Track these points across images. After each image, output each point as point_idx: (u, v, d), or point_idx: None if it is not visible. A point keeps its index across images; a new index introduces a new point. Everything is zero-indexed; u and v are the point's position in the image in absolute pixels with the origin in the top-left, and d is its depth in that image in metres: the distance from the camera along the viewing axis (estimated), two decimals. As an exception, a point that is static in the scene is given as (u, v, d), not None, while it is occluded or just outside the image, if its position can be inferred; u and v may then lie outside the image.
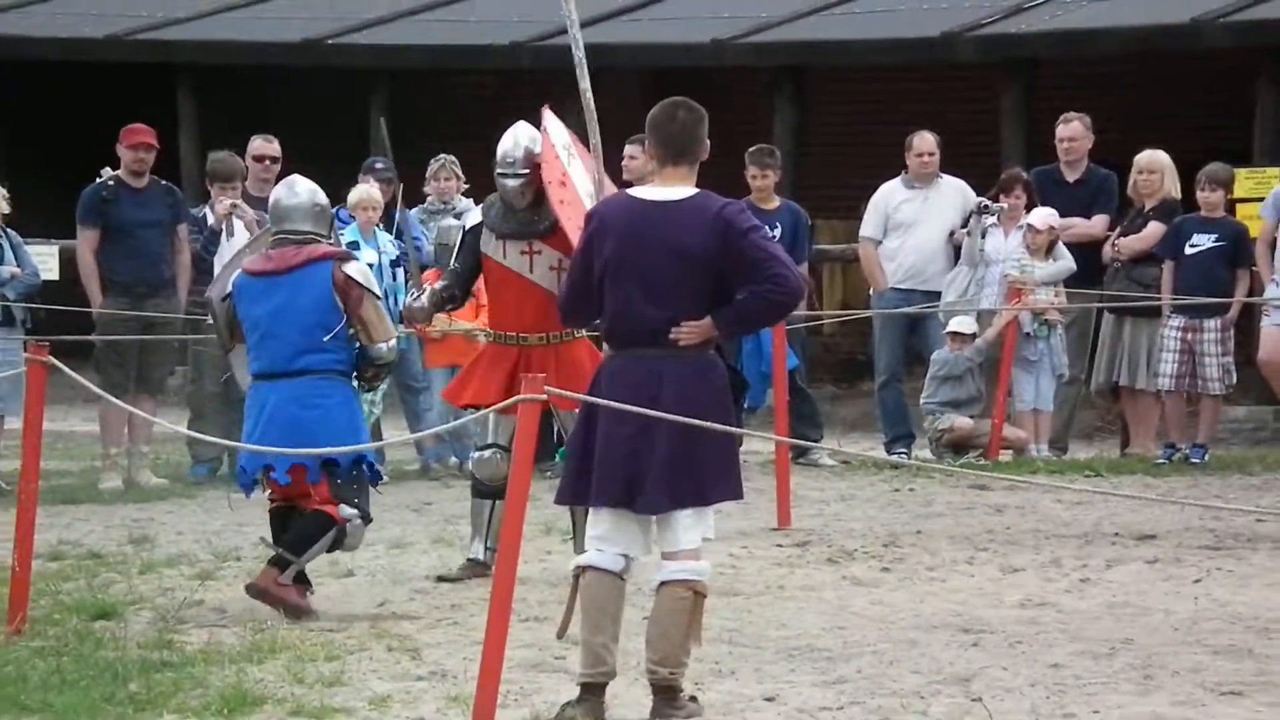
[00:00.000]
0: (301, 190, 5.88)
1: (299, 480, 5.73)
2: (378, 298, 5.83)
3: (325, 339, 5.68)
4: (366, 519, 5.84)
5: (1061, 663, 4.99)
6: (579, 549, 5.80)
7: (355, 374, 5.83)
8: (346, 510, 5.74)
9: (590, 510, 4.52)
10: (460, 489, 8.45)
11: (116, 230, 8.64)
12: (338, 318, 5.72)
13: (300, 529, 5.75)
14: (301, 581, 5.74)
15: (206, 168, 9.16)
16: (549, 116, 6.30)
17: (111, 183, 8.72)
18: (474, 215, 6.48)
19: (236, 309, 5.85)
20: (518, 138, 6.28)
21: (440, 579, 6.19)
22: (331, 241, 5.91)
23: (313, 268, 5.75)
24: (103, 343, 8.59)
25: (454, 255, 6.42)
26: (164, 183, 8.91)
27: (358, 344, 5.79)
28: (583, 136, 6.19)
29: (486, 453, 6.31)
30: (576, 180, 6.21)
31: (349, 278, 5.76)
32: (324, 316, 5.71)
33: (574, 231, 5.94)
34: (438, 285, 6.41)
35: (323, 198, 5.91)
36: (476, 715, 4.23)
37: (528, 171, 6.19)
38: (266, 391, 5.74)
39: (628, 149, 9.13)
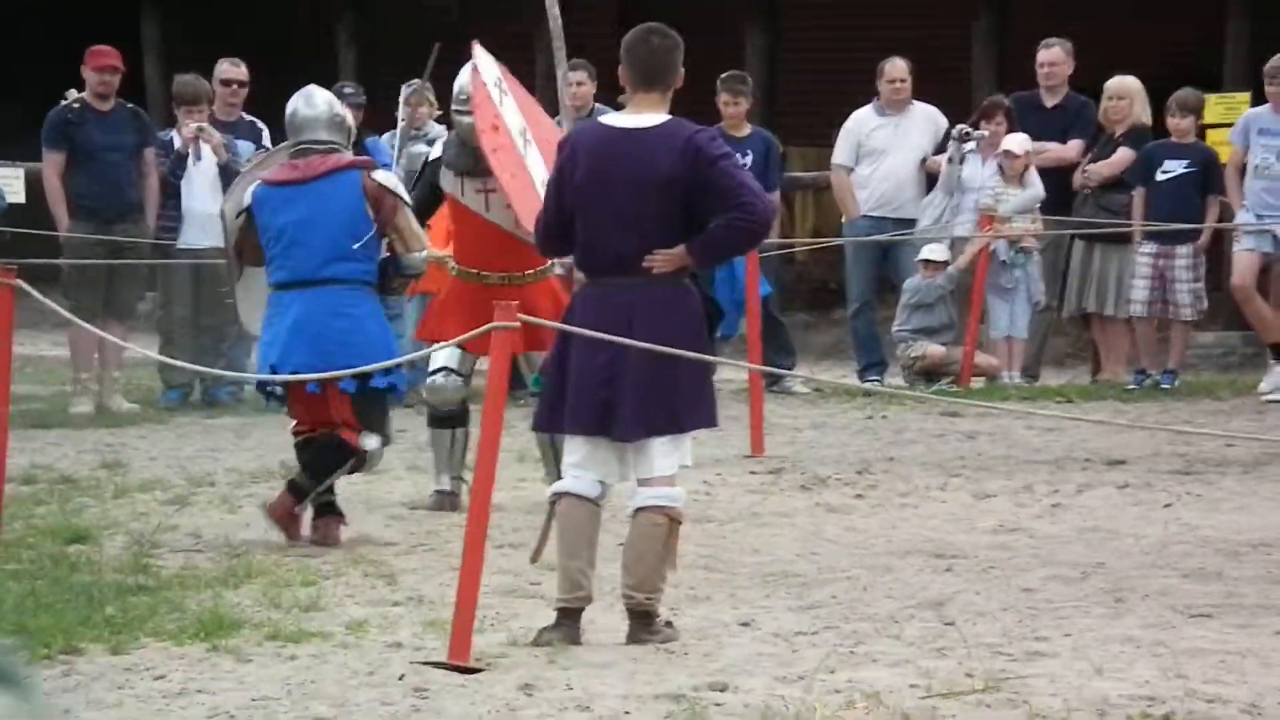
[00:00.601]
0: (319, 101, 5.78)
1: (334, 392, 5.60)
2: (409, 206, 5.74)
3: (355, 247, 5.58)
4: (387, 441, 5.77)
5: (1033, 587, 5.04)
6: (551, 478, 5.81)
7: (379, 285, 5.72)
8: (368, 441, 5.66)
9: (566, 438, 4.53)
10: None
11: (82, 154, 8.54)
12: (367, 227, 5.63)
13: (318, 455, 5.68)
14: (334, 513, 5.67)
15: (172, 91, 9.04)
16: (479, 52, 6.22)
17: (77, 105, 8.61)
18: (431, 149, 6.43)
19: (256, 220, 5.70)
20: (463, 71, 6.21)
21: (414, 508, 6.19)
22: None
23: (340, 176, 5.66)
24: (71, 267, 8.51)
25: (413, 186, 6.32)
26: (130, 106, 8.79)
27: (381, 255, 5.69)
28: (550, 63, 6.12)
29: (439, 377, 6.28)
30: (509, 120, 6.15)
31: (382, 186, 5.67)
32: (353, 225, 5.62)
33: (509, 182, 5.90)
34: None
35: (340, 108, 5.82)
36: (453, 640, 4.25)
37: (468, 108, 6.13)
38: (291, 300, 5.60)
39: (572, 75, 9.07)
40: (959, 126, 9.16)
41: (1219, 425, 7.68)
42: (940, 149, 9.34)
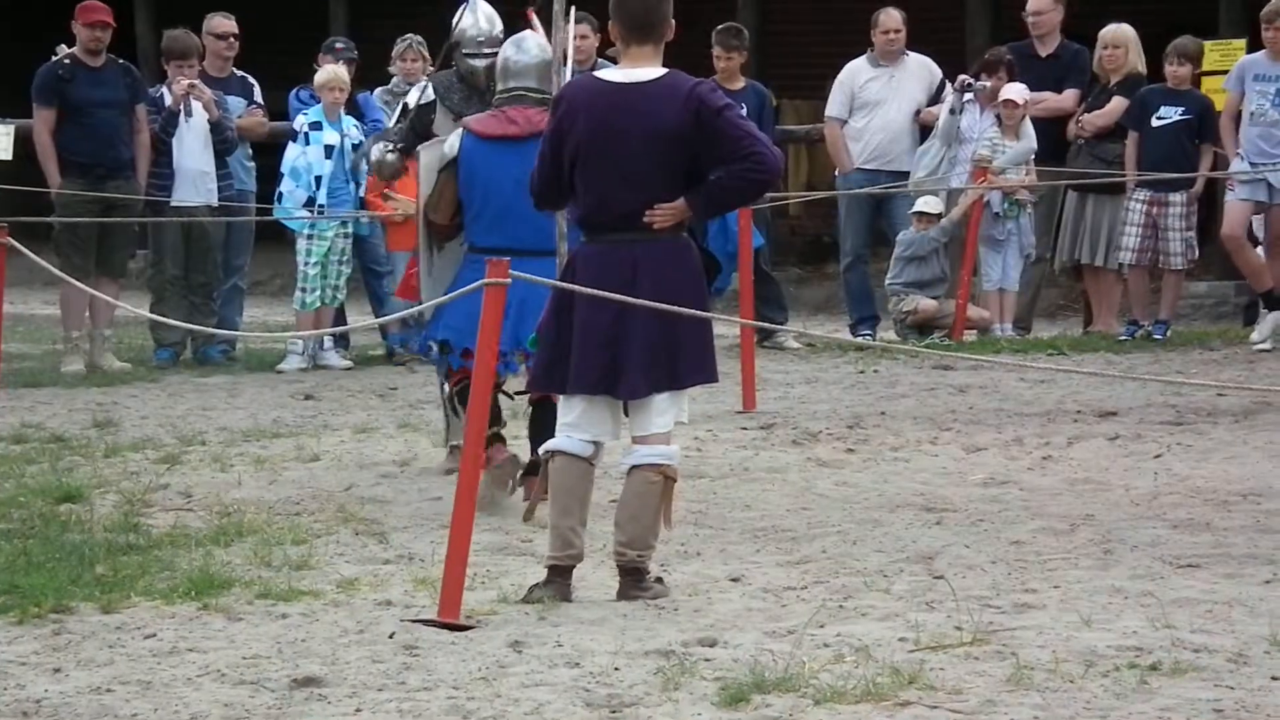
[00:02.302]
0: (531, 46, 5.39)
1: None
2: None
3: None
4: None
5: (1023, 539, 5.06)
6: (451, 442, 5.60)
7: None
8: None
9: (563, 398, 4.50)
10: (426, 374, 8.45)
11: (74, 110, 8.49)
12: None
13: (547, 421, 5.14)
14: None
15: (162, 45, 8.98)
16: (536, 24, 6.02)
17: (68, 61, 8.55)
18: (415, 93, 6.06)
19: (461, 174, 5.25)
20: (483, 16, 6.02)
21: (449, 472, 5.99)
22: None
23: None
24: (62, 225, 8.49)
25: (391, 127, 6.07)
26: (121, 62, 8.74)
27: None
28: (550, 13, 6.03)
29: None
30: None
31: None
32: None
33: None
34: (392, 145, 5.96)
35: (550, 52, 5.30)
36: (444, 598, 4.26)
37: (495, 52, 5.90)
38: (514, 268, 4.96)
39: (576, 28, 8.99)
40: (961, 77, 9.12)
41: (1210, 375, 7.68)
42: (934, 100, 9.29)
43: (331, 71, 8.71)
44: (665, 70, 4.41)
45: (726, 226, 8.64)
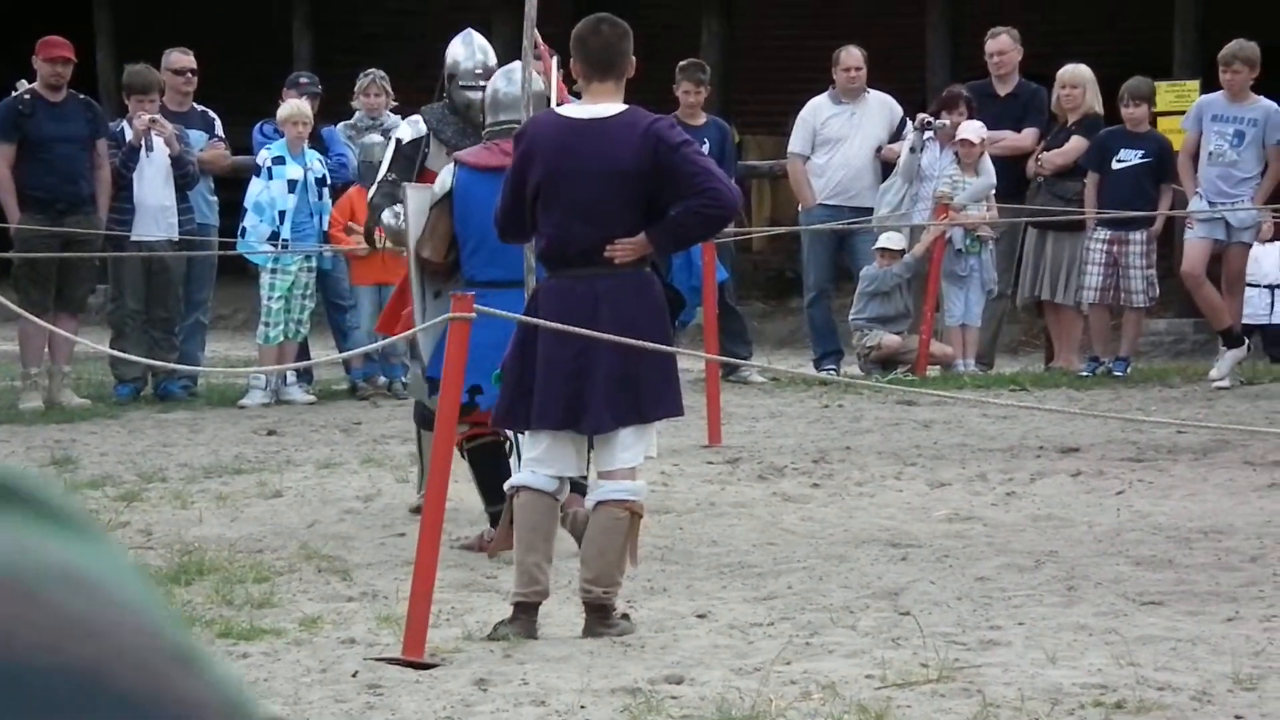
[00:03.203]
0: (520, 79, 5.36)
1: None
2: None
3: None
4: None
5: (988, 575, 5.07)
6: (422, 486, 5.54)
7: None
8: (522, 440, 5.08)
9: (529, 433, 4.49)
10: (389, 409, 8.40)
11: (34, 145, 8.44)
12: None
13: (491, 466, 5.18)
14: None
15: (123, 80, 8.95)
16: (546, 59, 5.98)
17: (28, 96, 8.50)
18: (408, 128, 6.03)
19: (455, 208, 5.16)
20: (478, 47, 5.94)
21: (416, 511, 5.89)
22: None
23: None
24: (21, 260, 8.42)
25: (386, 167, 5.99)
26: (82, 97, 8.70)
27: None
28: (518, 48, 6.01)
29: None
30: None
31: None
32: None
33: None
34: (384, 201, 5.84)
35: (541, 85, 5.36)
36: (408, 635, 4.23)
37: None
38: (514, 301, 4.89)
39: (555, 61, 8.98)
40: (921, 116, 9.18)
41: (1170, 412, 7.73)
42: (895, 137, 9.36)
43: (294, 106, 8.70)
44: (626, 106, 4.45)
45: (691, 261, 8.65)
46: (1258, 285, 9.07)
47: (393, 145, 6.07)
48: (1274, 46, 9.34)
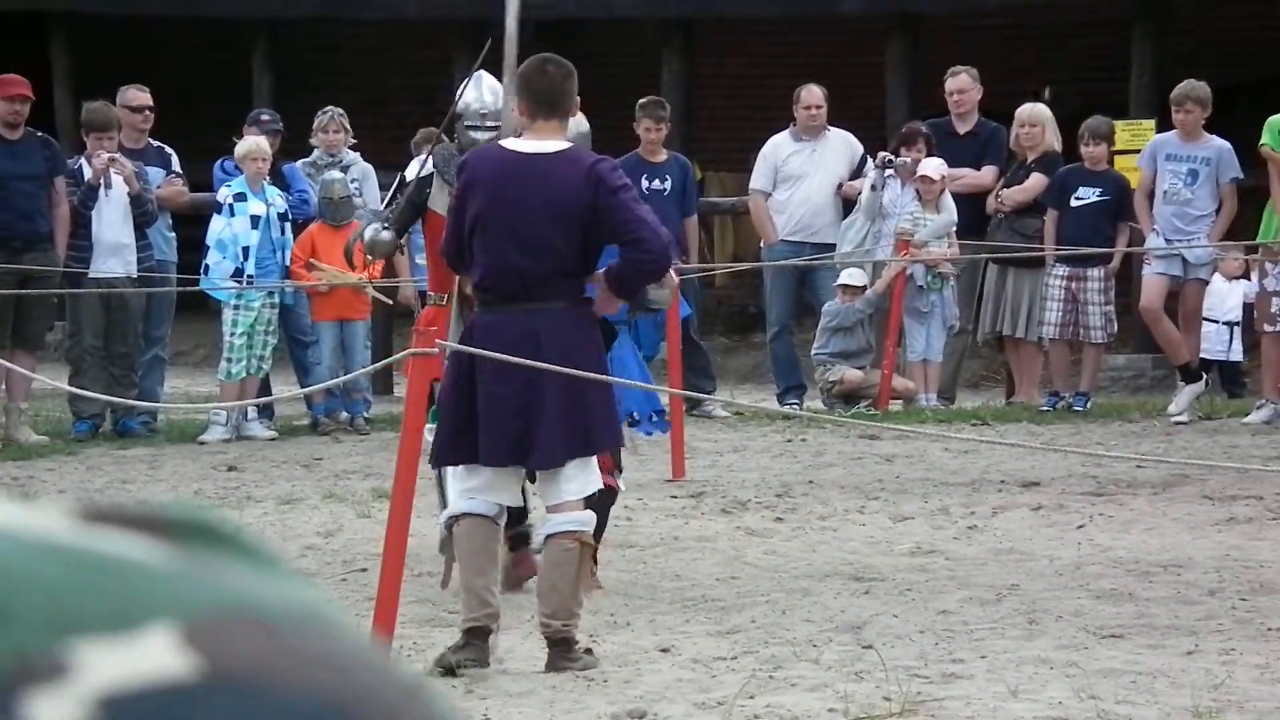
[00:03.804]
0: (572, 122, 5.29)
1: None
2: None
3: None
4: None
5: (950, 609, 5.08)
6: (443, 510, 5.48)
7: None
8: (621, 480, 5.26)
9: (465, 466, 4.46)
10: (351, 444, 8.37)
11: (-9, 182, 8.39)
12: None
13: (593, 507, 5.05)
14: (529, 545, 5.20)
15: (81, 118, 8.92)
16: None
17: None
18: (414, 166, 5.84)
19: None
20: (488, 89, 5.77)
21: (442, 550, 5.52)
22: None
23: None
24: (-23, 298, 8.36)
25: (387, 201, 5.89)
26: (40, 134, 8.66)
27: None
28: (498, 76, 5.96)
29: None
30: None
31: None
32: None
33: None
34: (383, 221, 5.72)
35: (585, 124, 5.42)
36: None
37: (499, 125, 5.63)
38: None
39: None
40: (882, 154, 9.26)
41: (1129, 447, 7.79)
42: (856, 174, 9.43)
43: (252, 142, 8.70)
44: (569, 144, 4.50)
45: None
46: (1217, 321, 9.17)
47: (397, 181, 5.95)
48: (1229, 86, 9.47)
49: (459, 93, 5.88)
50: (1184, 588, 5.32)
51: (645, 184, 9.08)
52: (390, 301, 8.91)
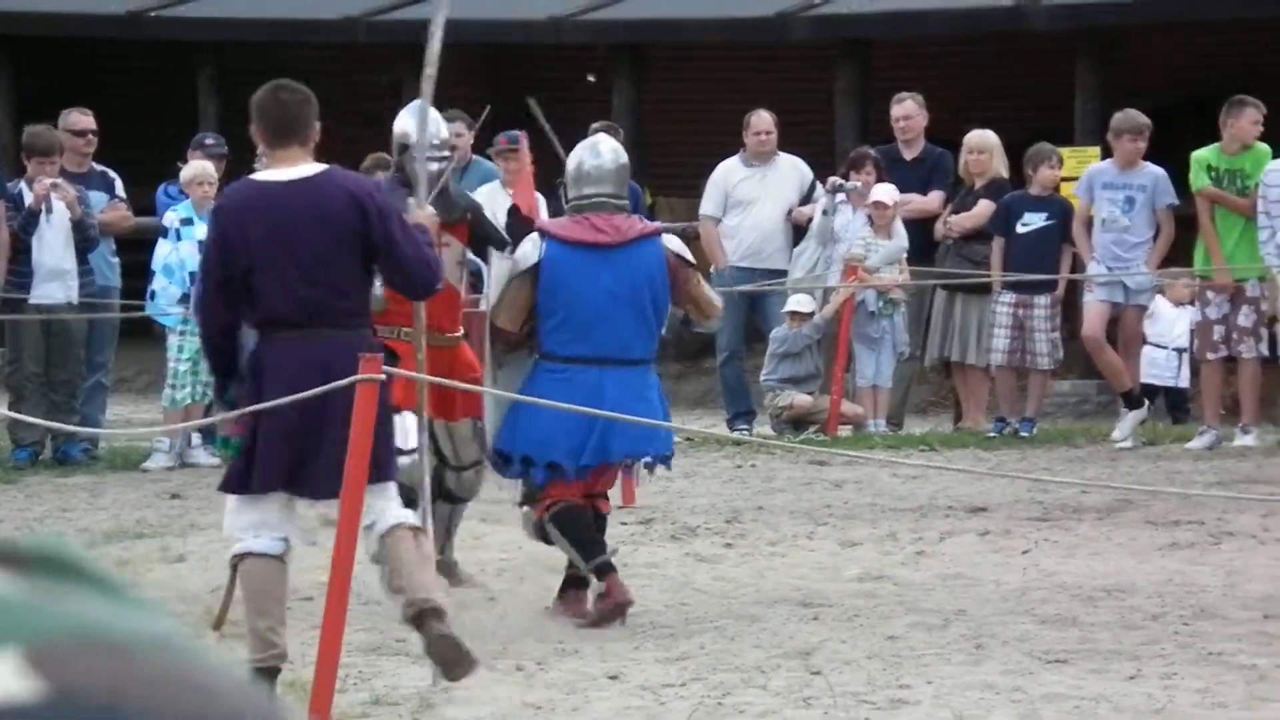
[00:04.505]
0: (605, 151, 5.33)
1: (613, 477, 5.30)
2: (699, 273, 5.36)
3: (663, 330, 5.17)
4: None
5: (898, 634, 5.09)
6: (439, 551, 5.40)
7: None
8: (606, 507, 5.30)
9: (248, 499, 4.41)
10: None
11: (-70, 208, 8.29)
12: (666, 301, 5.20)
13: (587, 529, 5.21)
14: (612, 568, 5.21)
15: (23, 141, 8.82)
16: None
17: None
18: None
19: (542, 280, 5.12)
20: (431, 119, 5.64)
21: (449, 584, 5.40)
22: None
23: (649, 243, 5.13)
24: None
25: None
26: (-21, 159, 8.57)
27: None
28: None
29: (404, 459, 5.41)
30: None
31: (679, 256, 5.24)
32: (658, 298, 5.14)
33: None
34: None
35: (625, 157, 5.38)
36: (315, 700, 4.16)
37: (450, 154, 5.77)
38: (597, 378, 5.04)
39: (451, 126, 9.00)
40: (832, 179, 9.30)
41: (1075, 472, 7.85)
42: (806, 200, 9.47)
43: (198, 167, 8.64)
44: (325, 166, 4.47)
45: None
46: (1165, 347, 9.28)
47: None
48: (1163, 108, 9.59)
49: (398, 124, 5.87)
50: (1127, 612, 5.36)
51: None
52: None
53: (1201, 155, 8.57)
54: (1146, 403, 8.88)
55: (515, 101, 5.83)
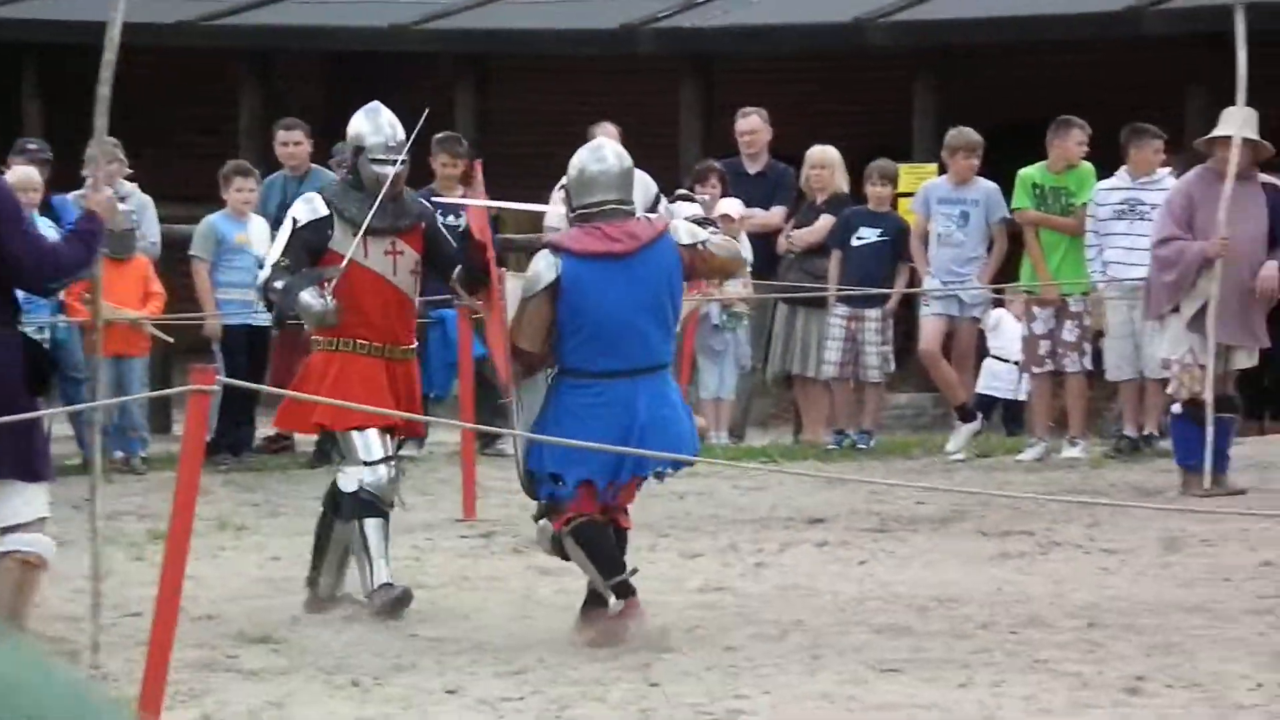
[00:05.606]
0: (609, 155, 5.17)
1: (636, 481, 5.12)
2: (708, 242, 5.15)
3: (677, 329, 5.04)
4: None
5: (736, 645, 5.13)
6: (368, 579, 5.33)
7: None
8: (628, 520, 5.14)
9: None
10: (122, 484, 8.08)
11: None
12: (681, 296, 5.10)
13: (610, 546, 5.07)
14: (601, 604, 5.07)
15: None
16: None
17: None
18: (304, 207, 5.50)
19: (564, 298, 4.95)
20: (386, 122, 5.58)
21: (377, 613, 5.31)
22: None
23: (661, 242, 4.99)
24: None
25: (280, 251, 5.47)
26: None
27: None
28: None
29: (384, 470, 5.41)
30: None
31: (688, 246, 5.07)
32: (675, 296, 5.02)
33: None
34: (301, 280, 5.36)
35: (628, 158, 5.20)
36: (142, 717, 4.03)
37: (406, 159, 5.53)
38: (629, 390, 4.89)
39: (287, 134, 8.94)
40: (678, 191, 9.35)
41: (911, 483, 7.99)
42: (651, 211, 9.50)
43: (23, 173, 8.38)
44: None
45: (446, 335, 8.59)
46: (1007, 360, 9.48)
47: (288, 227, 5.53)
48: (993, 128, 9.84)
49: (352, 126, 5.58)
50: (958, 622, 5.46)
51: (440, 219, 9.02)
52: (171, 340, 8.67)
53: (1027, 173, 8.82)
54: (979, 416, 9.09)
55: (350, 112, 5.69)
